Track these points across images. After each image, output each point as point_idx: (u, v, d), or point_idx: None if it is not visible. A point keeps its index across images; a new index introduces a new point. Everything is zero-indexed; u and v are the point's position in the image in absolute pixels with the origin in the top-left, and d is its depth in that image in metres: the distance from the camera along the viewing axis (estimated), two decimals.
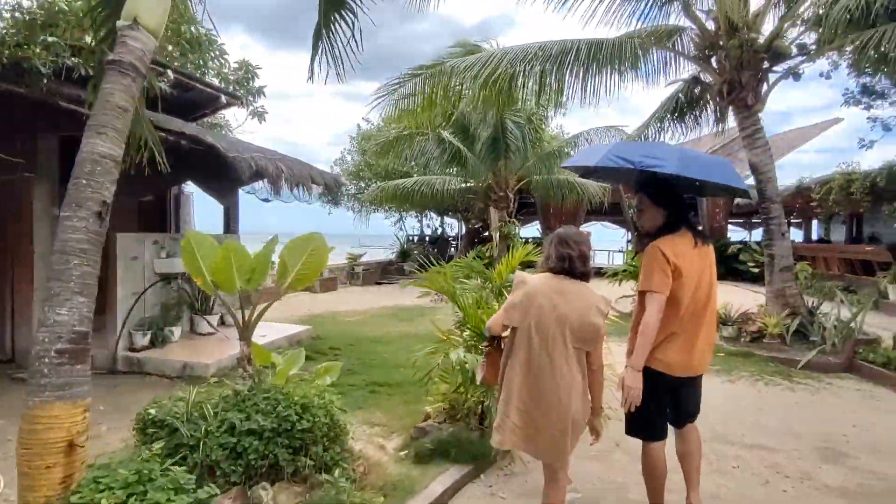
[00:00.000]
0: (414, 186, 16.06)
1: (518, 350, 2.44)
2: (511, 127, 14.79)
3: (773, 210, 7.43)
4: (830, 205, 11.83)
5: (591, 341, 2.41)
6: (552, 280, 2.45)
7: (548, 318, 2.36)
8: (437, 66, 8.55)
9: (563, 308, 2.36)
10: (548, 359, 2.36)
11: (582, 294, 2.42)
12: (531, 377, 2.39)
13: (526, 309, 2.40)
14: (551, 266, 2.48)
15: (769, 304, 7.53)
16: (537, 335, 2.37)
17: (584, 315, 2.37)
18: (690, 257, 2.62)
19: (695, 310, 2.67)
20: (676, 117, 10.05)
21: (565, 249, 2.45)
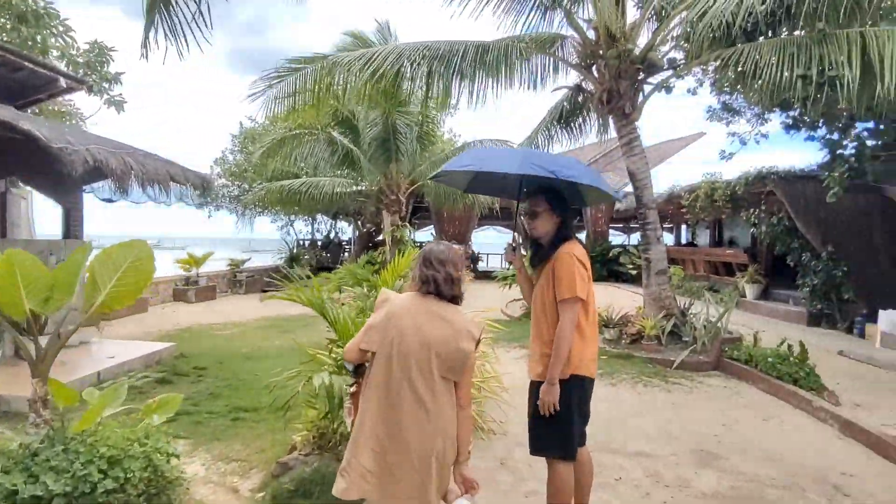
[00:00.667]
0: (301, 188, 15.21)
1: (375, 378, 2.09)
2: (401, 128, 14.47)
3: (649, 216, 7.72)
4: (697, 211, 12.77)
5: (459, 370, 2.10)
6: (419, 300, 2.15)
7: (411, 342, 2.05)
8: (318, 60, 7.99)
9: (429, 331, 2.07)
10: (409, 389, 2.03)
11: (451, 317, 2.13)
12: (389, 410, 2.05)
13: (386, 330, 2.08)
14: (417, 287, 2.20)
15: (647, 307, 7.81)
16: (398, 361, 2.05)
17: (452, 340, 2.08)
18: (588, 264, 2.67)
19: (593, 313, 2.72)
20: (562, 125, 10.28)
21: (429, 271, 2.16)
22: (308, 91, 8.07)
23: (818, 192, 9.73)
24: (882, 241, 9.57)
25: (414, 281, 2.21)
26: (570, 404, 2.56)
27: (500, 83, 8.35)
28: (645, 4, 7.57)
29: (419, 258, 2.23)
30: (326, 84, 8.07)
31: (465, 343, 2.08)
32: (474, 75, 7.87)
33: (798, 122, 8.29)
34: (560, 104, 9.95)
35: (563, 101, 9.79)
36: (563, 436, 2.57)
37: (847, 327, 9.62)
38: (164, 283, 13.75)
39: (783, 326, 10.54)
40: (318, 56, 8.04)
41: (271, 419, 4.67)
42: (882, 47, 5.86)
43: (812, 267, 9.95)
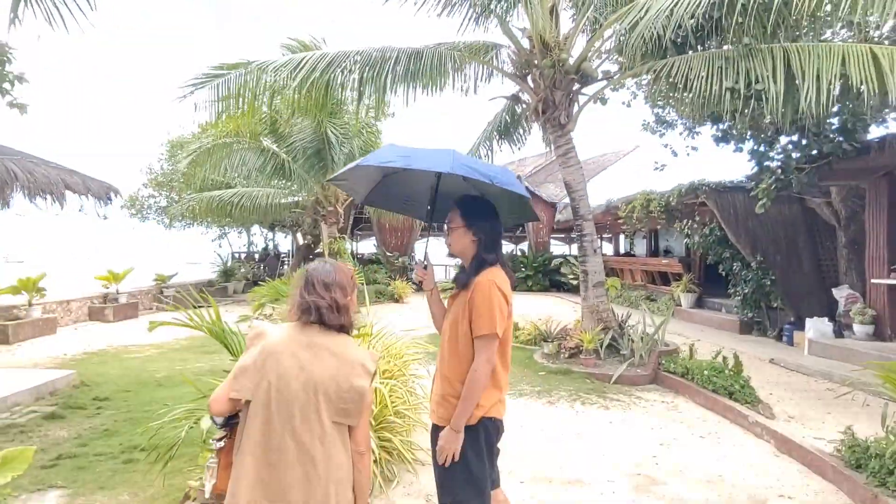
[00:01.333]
0: (234, 199, 14.46)
1: (250, 431, 1.70)
2: (334, 138, 14.01)
3: (585, 227, 7.62)
4: (634, 222, 12.95)
5: (353, 412, 1.76)
6: (300, 332, 1.80)
7: (292, 384, 1.70)
8: (243, 66, 7.48)
9: (314, 369, 1.73)
10: (293, 441, 1.68)
11: (340, 350, 1.79)
12: (269, 471, 1.67)
13: (262, 373, 1.71)
14: (297, 316, 1.85)
15: (585, 319, 7.69)
16: (278, 409, 1.69)
17: (343, 377, 1.75)
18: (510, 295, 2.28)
19: (509, 352, 2.37)
20: (504, 136, 10.15)
21: (311, 296, 1.82)
22: (234, 98, 7.54)
23: (747, 203, 10.00)
24: (805, 250, 9.92)
25: (293, 309, 1.86)
26: (480, 450, 2.22)
27: (434, 90, 8.14)
28: (579, 14, 7.51)
29: (300, 281, 1.88)
30: (253, 91, 7.59)
31: (359, 380, 1.76)
32: (407, 83, 7.57)
33: (727, 134, 8.45)
34: (500, 115, 9.81)
35: (503, 111, 9.65)
36: (475, 486, 2.22)
37: (777, 335, 9.88)
38: (79, 302, 12.63)
39: (717, 335, 10.75)
40: (241, 62, 7.52)
41: (173, 458, 4.13)
42: (804, 62, 5.97)
43: (743, 276, 10.19)
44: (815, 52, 6.02)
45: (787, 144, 6.79)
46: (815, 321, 8.49)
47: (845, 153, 6.80)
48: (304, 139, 14.10)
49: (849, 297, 8.81)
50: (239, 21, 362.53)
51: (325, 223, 15.13)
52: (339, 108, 13.48)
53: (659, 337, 7.04)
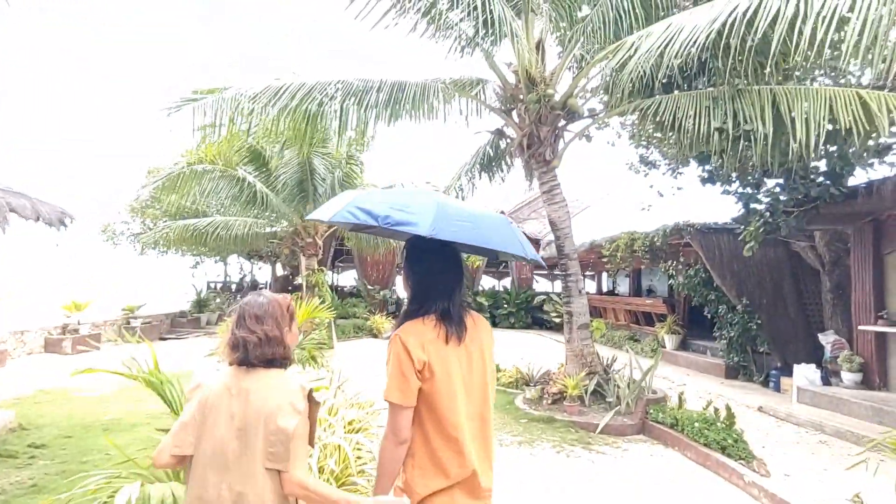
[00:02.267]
0: (208, 228, 13.95)
1: (192, 484, 1.66)
2: (319, 168, 13.74)
3: (570, 267, 7.35)
4: (618, 261, 12.76)
5: (282, 455, 1.64)
6: (232, 377, 1.73)
7: (226, 435, 1.65)
8: (219, 91, 7.20)
9: (243, 415, 1.66)
10: (229, 493, 1.62)
11: (267, 390, 1.71)
12: None
13: (200, 427, 1.67)
14: (228, 355, 1.77)
15: (569, 363, 7.34)
16: (213, 461, 1.64)
17: (270, 419, 1.66)
18: (439, 350, 1.81)
19: (453, 425, 1.80)
20: (485, 170, 9.96)
21: (240, 332, 1.74)
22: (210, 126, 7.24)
23: (733, 245, 9.86)
24: (790, 294, 9.76)
25: (224, 346, 1.77)
26: None
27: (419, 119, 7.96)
28: (565, 51, 7.42)
29: (233, 317, 1.80)
30: (231, 118, 7.30)
31: (285, 419, 1.65)
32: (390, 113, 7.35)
33: (714, 175, 8.35)
34: (483, 149, 9.64)
35: (487, 145, 9.48)
36: None
37: (763, 380, 9.62)
38: (34, 332, 11.93)
39: (703, 379, 10.46)
40: (218, 88, 7.25)
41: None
42: (792, 104, 5.88)
43: (729, 319, 9.97)
44: (803, 95, 5.94)
45: (775, 187, 6.65)
46: (803, 368, 8.25)
47: (832, 197, 6.68)
48: (288, 170, 13.80)
49: (835, 344, 8.60)
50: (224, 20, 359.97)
51: (304, 255, 14.69)
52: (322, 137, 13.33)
53: (646, 384, 6.70)
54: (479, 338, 1.94)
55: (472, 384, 1.86)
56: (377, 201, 1.86)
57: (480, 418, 1.87)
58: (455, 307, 1.87)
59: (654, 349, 13.47)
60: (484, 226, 1.93)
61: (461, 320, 1.88)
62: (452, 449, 1.78)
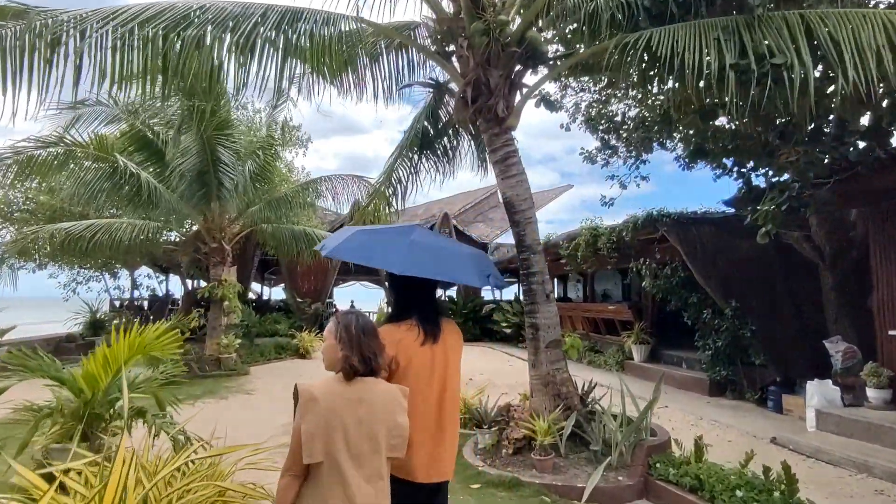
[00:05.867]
0: (85, 233, 11.21)
1: (333, 485, 1.82)
2: (224, 157, 11.33)
3: (533, 263, 5.44)
4: (579, 262, 11.07)
5: (398, 447, 1.95)
6: (344, 387, 1.92)
7: (356, 438, 1.87)
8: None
9: (368, 420, 1.90)
10: (369, 485, 1.86)
11: (382, 393, 1.96)
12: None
13: (326, 435, 1.83)
14: (352, 367, 1.93)
15: (535, 394, 5.39)
16: (350, 464, 1.84)
17: (390, 419, 1.93)
18: (415, 350, 2.19)
19: (425, 410, 2.19)
20: (426, 153, 7.96)
21: (371, 345, 1.97)
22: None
23: (717, 237, 8.30)
24: (783, 294, 8.27)
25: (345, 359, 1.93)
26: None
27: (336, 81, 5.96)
28: None
29: (351, 332, 1.95)
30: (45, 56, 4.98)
31: (400, 417, 1.97)
32: (282, 58, 5.26)
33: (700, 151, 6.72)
34: (419, 120, 7.62)
35: (422, 114, 7.49)
36: None
37: (758, 398, 8.04)
38: None
39: (681, 396, 8.83)
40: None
41: None
42: (834, 31, 4.25)
43: (714, 325, 8.36)
44: (846, 21, 4.34)
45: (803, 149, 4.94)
46: (818, 385, 6.67)
47: (878, 164, 5.08)
48: (186, 160, 11.29)
49: (846, 352, 7.09)
50: None
51: (210, 262, 12.18)
52: (222, 119, 10.97)
53: (646, 423, 4.83)
54: (449, 339, 2.32)
55: (434, 379, 2.21)
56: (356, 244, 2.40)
57: (438, 403, 2.22)
58: (428, 315, 2.27)
59: (619, 361, 11.85)
60: (445, 261, 2.40)
61: (436, 325, 2.27)
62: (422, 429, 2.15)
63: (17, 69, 5.02)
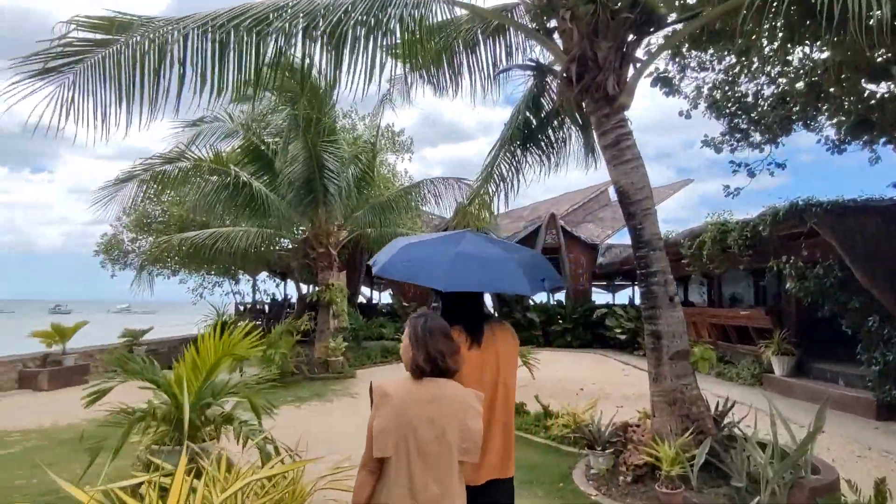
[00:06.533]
0: (207, 241, 11.99)
1: (399, 481, 1.86)
2: (329, 163, 11.56)
3: (653, 260, 4.70)
4: (704, 261, 9.85)
5: (473, 451, 1.94)
6: (417, 386, 1.95)
7: (426, 437, 1.88)
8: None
9: (440, 420, 1.90)
10: (436, 484, 1.86)
11: (455, 396, 1.95)
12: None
13: (398, 432, 1.88)
14: (419, 367, 1.97)
15: (659, 414, 4.63)
16: (419, 459, 1.87)
17: (462, 422, 1.92)
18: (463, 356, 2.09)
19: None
20: (529, 144, 7.43)
21: (438, 345, 1.97)
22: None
23: (886, 230, 6.88)
24: None
25: (416, 359, 1.97)
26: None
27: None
28: None
29: (419, 332, 2.00)
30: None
31: (473, 421, 1.94)
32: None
33: (864, 125, 5.53)
34: (519, 110, 7.11)
35: (523, 103, 6.97)
36: None
37: None
38: (4, 365, 10.22)
39: (840, 419, 7.41)
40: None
41: None
42: None
43: (883, 336, 6.92)
44: None
45: None
46: None
47: None
48: (294, 168, 11.71)
49: None
50: None
51: (317, 267, 12.53)
52: (328, 127, 11.20)
53: (808, 457, 3.90)
54: (496, 345, 2.27)
55: (484, 382, 2.18)
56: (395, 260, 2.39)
57: (489, 407, 2.17)
58: (473, 321, 2.26)
59: (756, 374, 10.39)
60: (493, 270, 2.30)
61: (480, 330, 2.25)
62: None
63: (130, 82, 5.27)
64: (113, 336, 14.55)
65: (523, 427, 6.61)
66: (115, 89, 5.27)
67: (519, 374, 8.24)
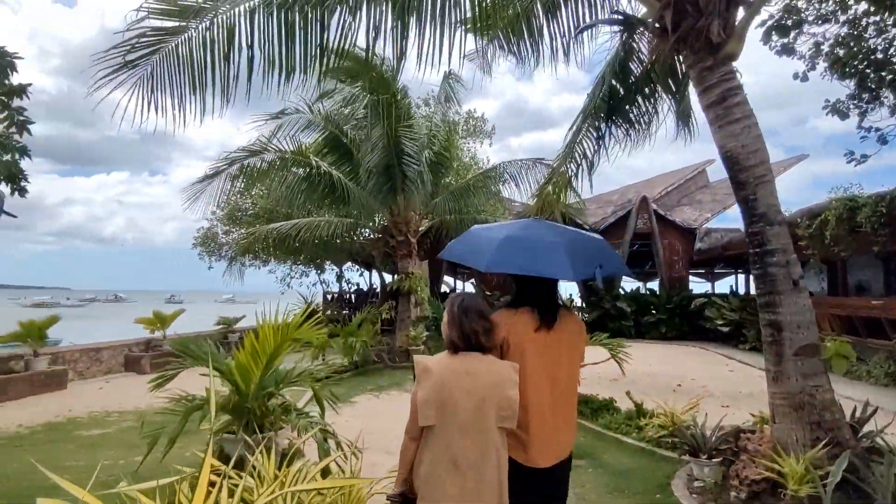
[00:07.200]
0: (292, 231, 12.26)
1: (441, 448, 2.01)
2: (408, 149, 11.36)
3: (770, 237, 3.95)
4: (827, 243, 8.59)
5: (511, 418, 2.06)
6: (456, 361, 2.08)
7: (466, 406, 2.01)
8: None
9: (478, 391, 2.03)
10: (476, 449, 2.01)
11: (490, 370, 2.08)
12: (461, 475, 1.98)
13: (439, 402, 2.01)
14: (453, 343, 2.11)
15: (781, 420, 3.89)
16: (460, 428, 2.01)
17: (499, 392, 2.05)
18: (528, 335, 2.23)
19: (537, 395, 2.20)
20: (614, 116, 6.77)
21: (471, 324, 2.09)
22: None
23: None
24: None
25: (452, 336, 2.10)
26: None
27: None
28: None
29: (455, 311, 2.13)
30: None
31: (510, 391, 2.06)
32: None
33: None
34: (604, 80, 6.44)
35: (609, 71, 6.30)
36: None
37: None
38: (112, 350, 11.01)
39: None
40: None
41: None
42: None
43: None
44: None
45: None
46: None
47: None
48: (373, 156, 11.64)
49: None
50: None
51: (396, 256, 12.44)
52: (403, 112, 10.97)
53: None
54: (566, 330, 2.31)
55: (548, 364, 2.23)
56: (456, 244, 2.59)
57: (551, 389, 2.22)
58: (545, 304, 2.27)
59: (892, 373, 8.97)
60: (535, 254, 2.27)
61: (552, 315, 2.26)
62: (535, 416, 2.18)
63: (202, 70, 5.27)
64: (211, 323, 15.42)
65: (612, 426, 6.03)
66: (188, 78, 5.31)
67: (608, 367, 7.53)
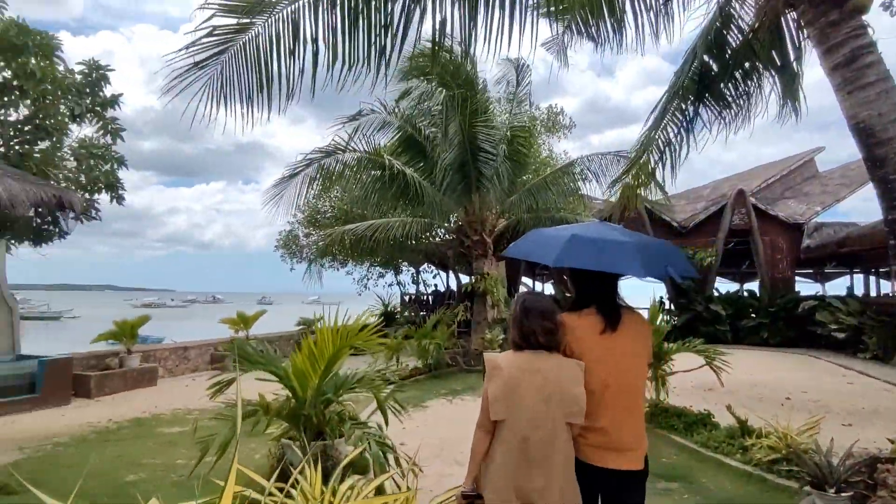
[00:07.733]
0: (367, 232, 12.27)
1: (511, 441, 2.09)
2: (484, 145, 11.01)
3: None
4: None
5: (577, 413, 2.11)
6: (523, 360, 2.16)
7: (534, 403, 2.10)
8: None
9: (545, 388, 2.11)
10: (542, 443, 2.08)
11: (559, 366, 2.15)
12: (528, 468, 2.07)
13: (509, 398, 2.11)
14: (515, 342, 2.22)
15: None
16: (529, 424, 2.09)
17: (565, 389, 2.11)
18: (592, 337, 2.22)
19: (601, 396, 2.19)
20: (706, 96, 6.10)
21: (531, 324, 2.16)
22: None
23: None
24: None
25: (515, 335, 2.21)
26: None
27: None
28: None
29: (517, 312, 2.21)
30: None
31: (576, 388, 2.11)
32: None
33: None
34: (695, 56, 5.77)
35: (700, 46, 5.63)
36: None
37: None
38: (198, 349, 11.49)
39: None
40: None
41: None
42: None
43: None
44: None
45: None
46: None
47: None
48: (448, 154, 11.42)
49: None
50: None
51: (471, 256, 12.12)
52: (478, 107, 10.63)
53: None
54: (631, 330, 2.27)
55: (613, 365, 2.20)
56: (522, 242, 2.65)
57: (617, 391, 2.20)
58: (609, 305, 2.26)
59: None
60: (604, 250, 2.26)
61: (616, 315, 2.25)
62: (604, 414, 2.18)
63: (268, 67, 5.21)
64: (293, 324, 15.85)
65: (711, 444, 5.34)
66: (256, 75, 5.27)
67: (702, 376, 6.72)
